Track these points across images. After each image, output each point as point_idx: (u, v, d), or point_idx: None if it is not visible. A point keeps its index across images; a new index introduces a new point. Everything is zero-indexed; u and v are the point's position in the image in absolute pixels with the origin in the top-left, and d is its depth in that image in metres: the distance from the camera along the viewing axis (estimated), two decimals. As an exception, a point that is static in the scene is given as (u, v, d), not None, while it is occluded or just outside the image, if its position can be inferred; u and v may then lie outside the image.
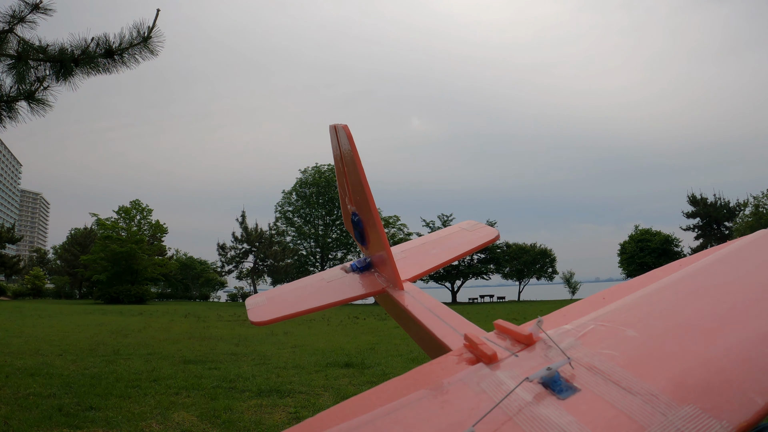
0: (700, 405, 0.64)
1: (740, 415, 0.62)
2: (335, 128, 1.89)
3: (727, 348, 0.73)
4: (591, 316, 0.94)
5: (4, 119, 5.91)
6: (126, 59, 5.73)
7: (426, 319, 1.46)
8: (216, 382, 7.47)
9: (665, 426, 0.62)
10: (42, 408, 5.75)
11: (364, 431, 0.80)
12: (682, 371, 0.71)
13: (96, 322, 20.61)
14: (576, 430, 0.64)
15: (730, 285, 0.95)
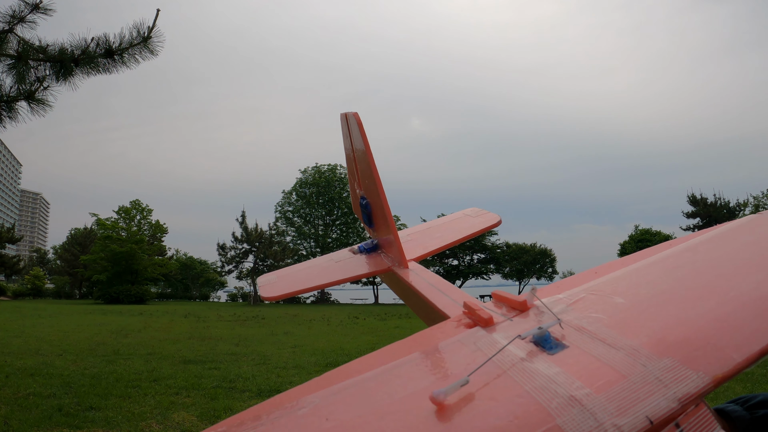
0: (678, 358, 0.69)
1: (716, 367, 0.66)
2: (346, 116, 1.95)
3: (708, 311, 0.79)
4: (583, 286, 1.00)
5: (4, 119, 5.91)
6: (126, 59, 5.73)
7: (428, 293, 1.52)
8: (216, 382, 7.47)
9: (645, 375, 0.68)
10: (42, 408, 5.75)
11: (368, 385, 0.86)
12: (663, 330, 0.77)
13: (96, 322, 20.61)
14: (563, 379, 0.70)
15: (715, 259, 1.02)
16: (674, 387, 0.65)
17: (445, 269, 55.41)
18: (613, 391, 0.67)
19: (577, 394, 0.68)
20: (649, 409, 0.63)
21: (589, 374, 0.70)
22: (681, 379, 0.66)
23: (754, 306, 0.78)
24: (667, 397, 0.65)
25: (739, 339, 0.70)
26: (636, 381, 0.67)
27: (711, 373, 0.65)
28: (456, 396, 0.72)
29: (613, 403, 0.65)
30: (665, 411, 0.63)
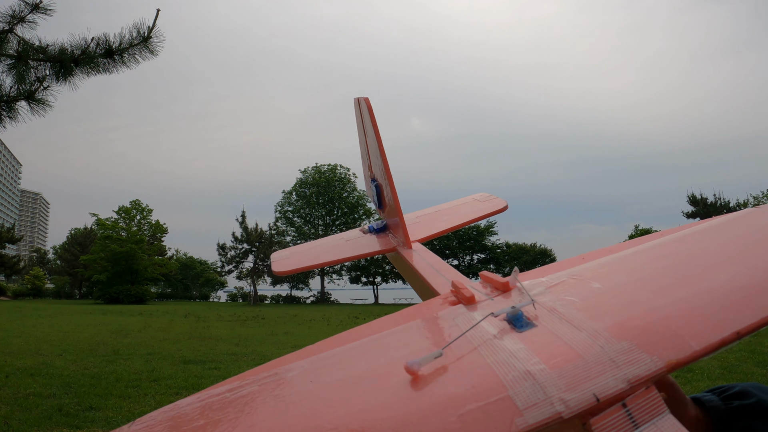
0: (636, 341, 0.72)
1: (672, 353, 0.69)
2: (358, 101, 2.05)
3: (678, 300, 0.81)
4: (566, 271, 1.04)
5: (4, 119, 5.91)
6: (126, 59, 5.73)
7: (425, 272, 1.63)
8: (216, 382, 7.47)
9: (600, 355, 0.71)
10: (42, 408, 5.75)
11: (351, 353, 0.95)
12: (629, 315, 0.80)
13: (96, 322, 20.61)
14: (523, 355, 0.75)
15: (700, 250, 1.04)
16: (626, 368, 0.68)
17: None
18: (567, 368, 0.71)
19: (532, 369, 0.72)
20: (597, 387, 0.67)
21: (548, 352, 0.74)
22: (634, 362, 0.68)
23: (723, 297, 0.79)
24: (616, 378, 0.67)
25: (702, 328, 0.72)
26: (590, 361, 0.71)
27: (665, 358, 0.67)
28: (429, 367, 0.78)
29: (564, 379, 0.69)
30: (613, 390, 0.66)
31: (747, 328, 0.71)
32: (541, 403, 0.66)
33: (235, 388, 0.87)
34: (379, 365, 0.90)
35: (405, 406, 0.74)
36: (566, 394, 0.66)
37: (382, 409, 0.76)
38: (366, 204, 59.60)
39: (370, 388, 0.83)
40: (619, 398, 0.65)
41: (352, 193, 59.48)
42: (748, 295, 0.78)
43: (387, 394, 0.78)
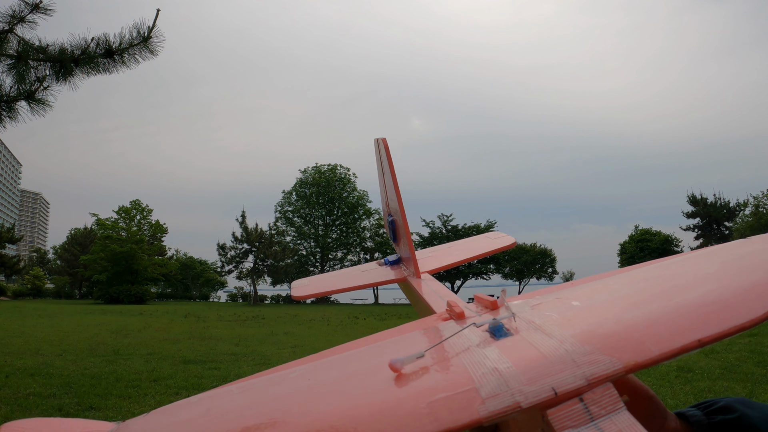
0: (598, 346, 0.79)
1: (631, 356, 0.75)
2: (377, 141, 2.29)
3: (646, 312, 0.88)
4: (551, 294, 1.14)
5: (4, 119, 5.91)
6: (126, 59, 5.72)
7: (430, 297, 1.78)
8: (216, 382, 7.47)
9: (563, 356, 0.78)
10: (42, 408, 5.76)
11: (347, 357, 1.12)
12: (597, 325, 0.88)
13: (96, 322, 20.61)
14: (494, 356, 0.83)
15: (680, 273, 1.12)
16: (585, 368, 0.75)
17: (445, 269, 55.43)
18: (531, 366, 0.78)
19: (499, 367, 0.80)
20: (555, 382, 0.73)
21: (518, 355, 0.82)
22: (594, 362, 0.75)
23: (691, 311, 0.85)
24: (575, 375, 0.74)
25: (663, 335, 0.78)
26: (553, 360, 0.78)
27: (624, 360, 0.74)
28: (411, 366, 0.88)
29: (527, 374, 0.76)
30: (571, 386, 0.73)
31: (710, 337, 0.76)
32: (502, 394, 0.73)
33: (241, 385, 1.02)
34: (369, 366, 1.03)
35: (385, 396, 0.83)
36: (526, 387, 0.73)
37: (365, 398, 0.86)
38: (366, 204, 59.63)
39: (358, 383, 0.95)
40: (576, 393, 0.72)
41: (352, 193, 59.46)
42: (715, 309, 0.83)
43: (372, 387, 0.90)
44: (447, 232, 55.89)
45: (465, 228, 55.54)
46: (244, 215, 52.78)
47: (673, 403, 5.50)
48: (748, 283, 0.92)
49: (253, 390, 1.02)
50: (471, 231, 55.19)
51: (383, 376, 0.88)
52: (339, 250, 59.09)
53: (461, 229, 55.54)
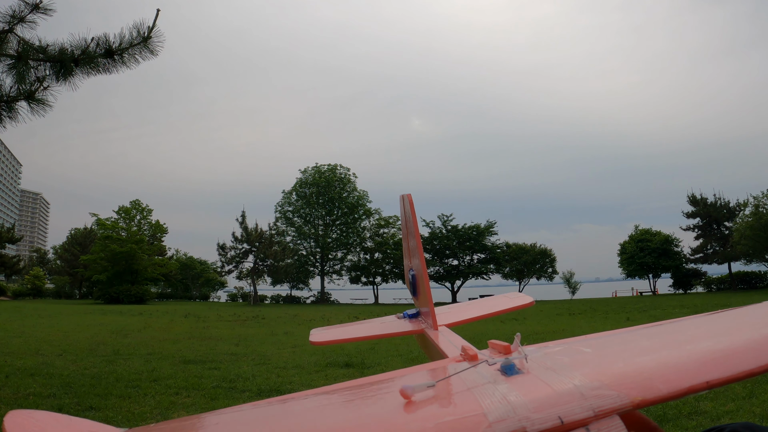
0: (607, 382, 0.83)
1: (639, 393, 0.79)
2: (402, 198, 2.41)
3: (655, 358, 0.94)
4: (565, 342, 1.26)
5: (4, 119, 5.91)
6: (126, 59, 5.72)
7: (445, 346, 1.86)
8: (216, 382, 7.46)
9: (572, 390, 0.81)
10: (42, 408, 5.75)
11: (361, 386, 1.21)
12: (606, 366, 0.94)
13: (96, 322, 20.60)
14: (504, 388, 0.88)
15: (691, 327, 1.21)
16: (593, 400, 0.79)
17: (445, 269, 55.38)
18: (539, 397, 0.83)
19: (508, 397, 0.84)
20: (562, 412, 0.78)
21: (527, 388, 0.88)
22: (602, 396, 0.79)
23: (699, 355, 0.91)
24: (582, 406, 0.78)
25: (671, 376, 0.84)
26: (562, 393, 0.82)
27: (631, 396, 0.79)
28: (422, 394, 0.93)
29: (535, 403, 0.81)
30: (577, 416, 0.77)
31: (718, 380, 0.83)
32: (509, 419, 0.78)
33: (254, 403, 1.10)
34: (380, 392, 1.14)
35: (393, 418, 0.91)
36: (533, 414, 0.79)
37: (374, 418, 0.94)
38: (366, 204, 59.58)
39: (368, 406, 1.05)
40: (582, 423, 0.77)
41: (352, 193, 59.41)
42: (725, 356, 0.90)
43: (381, 410, 0.98)
44: (447, 232, 55.83)
45: (465, 228, 55.48)
46: (244, 215, 52.78)
47: (673, 403, 5.50)
48: (758, 335, 1.00)
49: (263, 407, 1.08)
50: (471, 231, 55.13)
51: (394, 402, 0.95)
52: (339, 250, 59.06)
53: (461, 229, 55.48)
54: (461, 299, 54.68)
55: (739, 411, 5.10)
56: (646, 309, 22.96)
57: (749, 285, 44.31)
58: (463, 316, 2.64)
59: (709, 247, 47.10)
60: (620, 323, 16.37)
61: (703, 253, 47.57)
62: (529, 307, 2.78)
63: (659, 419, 4.93)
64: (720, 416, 4.99)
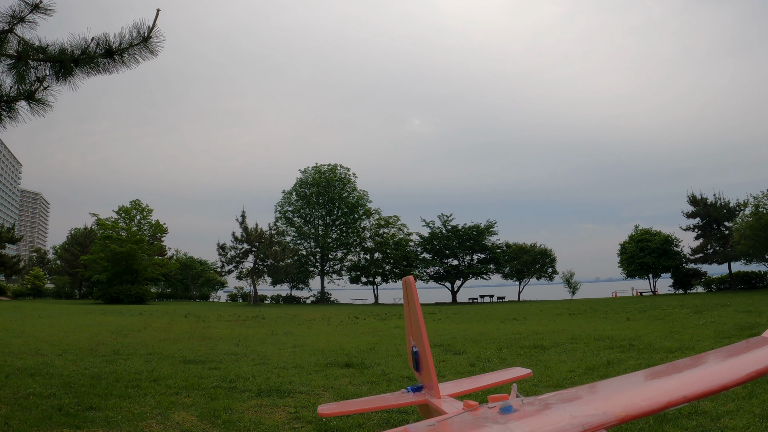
0: (594, 405, 0.94)
1: (622, 410, 0.89)
2: (405, 281, 2.69)
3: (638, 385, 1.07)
4: (559, 392, 1.38)
5: (4, 119, 5.90)
6: (126, 59, 5.71)
7: (448, 409, 2.09)
8: (216, 382, 7.46)
9: (563, 414, 0.91)
10: (42, 408, 5.75)
11: None
12: (594, 397, 1.06)
13: (96, 322, 20.60)
14: (502, 422, 0.98)
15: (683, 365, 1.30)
16: (581, 419, 0.88)
17: (445, 269, 55.36)
18: (533, 419, 0.93)
19: (506, 425, 0.94)
20: (555, 429, 0.86)
21: (524, 419, 0.97)
22: (590, 415, 0.89)
23: (678, 379, 1.02)
24: (573, 424, 0.87)
25: (651, 395, 0.94)
26: (554, 416, 0.92)
27: (615, 413, 0.89)
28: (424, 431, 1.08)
29: (530, 425, 0.90)
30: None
31: (694, 395, 0.95)
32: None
33: None
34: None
35: None
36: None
37: None
38: (366, 204, 59.56)
39: None
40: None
41: (352, 193, 59.39)
42: (701, 377, 1.01)
43: None
44: (447, 232, 55.81)
45: (465, 228, 55.45)
46: (244, 215, 52.75)
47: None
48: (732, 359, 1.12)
49: None
50: (471, 231, 55.10)
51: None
52: (339, 250, 59.03)
53: (461, 229, 55.44)
54: (461, 299, 54.67)
55: (739, 411, 5.10)
56: (646, 309, 22.96)
57: (749, 285, 44.28)
58: (462, 387, 2.91)
59: (709, 247, 47.07)
60: (620, 323, 16.38)
61: (703, 253, 47.54)
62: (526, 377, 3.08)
63: (659, 419, 4.93)
64: (720, 416, 4.99)
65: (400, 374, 8.20)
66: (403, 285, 2.74)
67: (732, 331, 11.99)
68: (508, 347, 11.25)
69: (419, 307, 2.49)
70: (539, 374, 7.68)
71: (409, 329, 2.86)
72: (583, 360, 8.99)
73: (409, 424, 1.02)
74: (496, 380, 3.01)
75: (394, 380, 7.72)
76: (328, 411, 2.76)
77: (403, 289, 2.78)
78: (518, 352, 10.42)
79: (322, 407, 2.82)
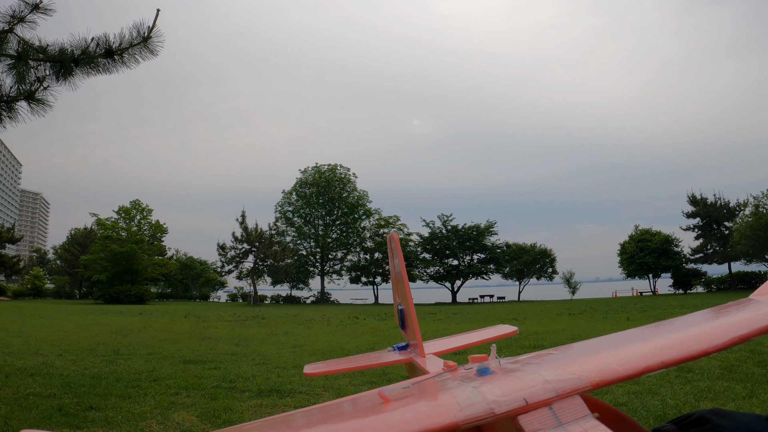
0: (568, 369, 0.92)
1: (597, 374, 0.87)
2: (389, 237, 2.66)
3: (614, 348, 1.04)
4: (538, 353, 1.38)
5: (4, 119, 5.91)
6: (126, 59, 5.72)
7: (431, 368, 2.01)
8: (216, 382, 7.47)
9: (536, 377, 0.90)
10: (42, 408, 5.75)
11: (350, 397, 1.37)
12: (570, 360, 1.03)
13: (96, 322, 20.61)
14: (476, 384, 0.97)
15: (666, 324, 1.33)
16: (555, 384, 0.87)
17: (445, 269, 55.36)
18: (507, 383, 0.93)
19: (480, 388, 0.93)
20: (527, 394, 0.86)
21: (498, 381, 0.97)
22: (563, 380, 0.88)
23: (656, 343, 0.99)
24: (545, 389, 0.86)
25: (628, 359, 0.92)
26: (527, 381, 0.91)
27: (590, 378, 0.88)
28: (398, 394, 1.05)
29: (502, 389, 0.90)
30: (541, 397, 0.85)
31: (673, 360, 0.91)
32: (479, 403, 0.88)
33: None
34: (364, 399, 1.27)
35: (373, 413, 1.02)
36: (501, 398, 0.88)
37: (355, 416, 1.07)
38: (366, 204, 59.57)
39: (353, 407, 1.21)
40: (546, 403, 0.85)
41: (352, 193, 59.40)
42: (682, 340, 0.99)
43: (362, 410, 1.12)
44: (447, 232, 55.81)
45: (465, 228, 55.44)
46: (244, 215, 52.77)
47: (672, 403, 5.50)
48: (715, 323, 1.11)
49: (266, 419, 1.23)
50: (471, 231, 55.10)
51: (374, 401, 1.09)
52: (339, 250, 59.05)
53: (461, 229, 55.45)
54: (461, 299, 54.67)
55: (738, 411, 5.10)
56: (646, 309, 22.96)
57: (749, 285, 44.27)
58: (447, 345, 2.90)
59: (709, 247, 47.08)
60: (620, 323, 16.38)
61: (703, 253, 47.55)
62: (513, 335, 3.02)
63: (659, 419, 4.93)
64: (720, 416, 4.98)
65: (401, 374, 8.20)
66: (388, 242, 2.72)
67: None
68: (507, 347, 11.24)
69: (403, 265, 2.45)
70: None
71: (395, 288, 2.83)
72: (583, 360, 8.99)
73: (383, 387, 1.02)
74: (483, 338, 2.97)
75: (394, 379, 7.72)
76: (313, 371, 2.73)
77: (388, 247, 2.76)
78: (518, 352, 10.42)
79: (307, 367, 2.79)
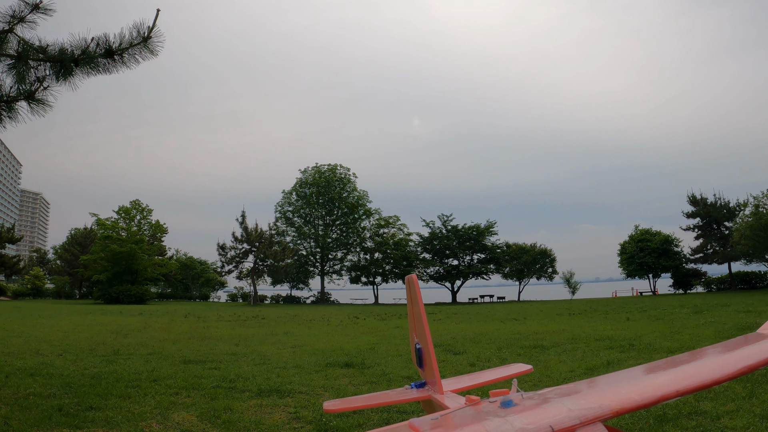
0: (591, 399, 1.00)
1: (617, 403, 0.95)
2: (408, 279, 2.77)
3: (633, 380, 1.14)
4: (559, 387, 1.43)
5: (4, 119, 5.90)
6: (126, 59, 5.71)
7: (451, 404, 2.08)
8: (216, 382, 7.46)
9: (561, 407, 0.96)
10: (42, 408, 5.75)
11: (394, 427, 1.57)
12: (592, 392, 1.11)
13: (96, 322, 20.60)
14: (502, 415, 1.03)
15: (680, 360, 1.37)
16: (578, 412, 0.94)
17: (445, 269, 55.34)
18: (532, 413, 0.99)
19: (507, 418, 0.99)
20: (553, 422, 0.92)
21: (524, 412, 1.03)
22: (586, 408, 0.94)
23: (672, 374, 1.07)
24: (570, 417, 0.93)
25: (647, 390, 1.00)
26: (552, 410, 0.98)
27: (611, 407, 0.95)
28: (429, 424, 1.10)
29: (529, 418, 0.96)
30: (566, 424, 0.91)
31: (687, 389, 0.98)
32: (507, 431, 0.92)
33: None
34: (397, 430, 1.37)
35: None
36: (528, 426, 0.93)
37: None
38: (366, 204, 59.54)
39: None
40: (571, 430, 0.91)
41: (352, 193, 59.37)
42: (695, 372, 1.05)
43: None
44: (447, 232, 55.79)
45: (465, 228, 55.42)
46: (244, 215, 52.73)
47: (672, 403, 5.50)
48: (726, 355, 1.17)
49: None
50: (471, 231, 55.08)
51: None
52: (339, 250, 59.01)
53: (461, 229, 55.42)
54: (461, 299, 54.65)
55: (738, 411, 5.11)
56: (646, 309, 22.96)
57: (749, 285, 44.27)
58: (464, 383, 3.00)
59: (709, 247, 47.05)
60: (620, 323, 16.38)
61: (703, 253, 47.52)
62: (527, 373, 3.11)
63: (659, 419, 4.93)
64: (720, 416, 4.99)
65: (401, 374, 8.20)
66: (406, 283, 2.82)
67: (732, 331, 11.99)
68: (508, 347, 11.25)
69: (422, 305, 2.51)
70: (539, 374, 7.68)
71: (413, 326, 2.91)
72: (583, 360, 8.99)
73: (413, 418, 1.05)
74: (498, 376, 3.04)
75: (395, 380, 7.72)
76: (333, 407, 2.83)
77: (406, 287, 2.85)
78: (518, 352, 10.42)
79: (327, 403, 2.89)
